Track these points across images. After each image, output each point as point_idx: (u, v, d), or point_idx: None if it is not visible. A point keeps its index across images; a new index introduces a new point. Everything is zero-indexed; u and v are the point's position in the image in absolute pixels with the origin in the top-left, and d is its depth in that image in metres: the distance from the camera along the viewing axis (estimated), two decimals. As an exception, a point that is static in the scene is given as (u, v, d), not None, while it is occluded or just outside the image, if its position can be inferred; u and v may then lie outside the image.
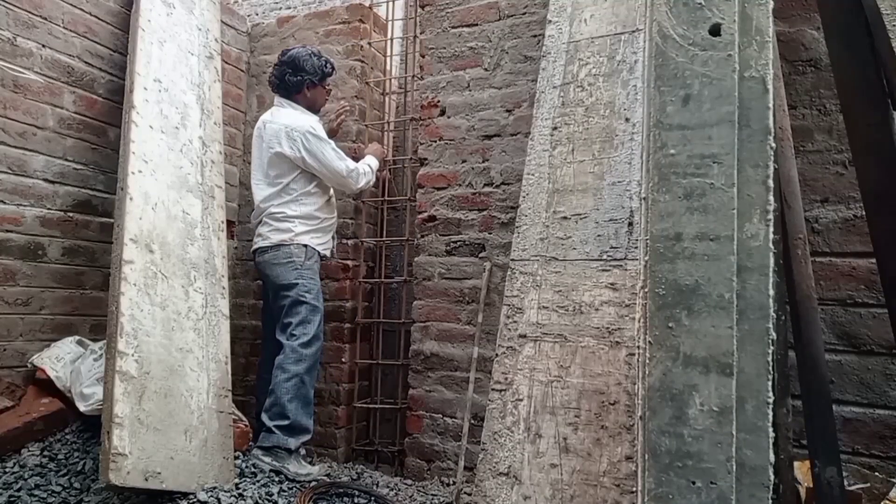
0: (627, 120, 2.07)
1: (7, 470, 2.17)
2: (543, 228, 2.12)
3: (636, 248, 1.92)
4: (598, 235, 2.01)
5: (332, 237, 2.91)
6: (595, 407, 1.86)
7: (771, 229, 1.11)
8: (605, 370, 1.87)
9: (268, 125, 2.80)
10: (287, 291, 2.66)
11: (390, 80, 3.42)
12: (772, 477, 1.04)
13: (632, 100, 2.09)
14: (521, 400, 1.97)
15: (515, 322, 2.08)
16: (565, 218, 2.09)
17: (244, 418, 2.60)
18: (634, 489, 1.73)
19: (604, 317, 1.92)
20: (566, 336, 1.96)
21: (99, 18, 2.76)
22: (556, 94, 2.23)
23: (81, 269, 2.71)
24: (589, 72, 2.19)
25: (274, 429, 2.50)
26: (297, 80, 2.79)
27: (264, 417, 2.54)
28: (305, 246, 2.71)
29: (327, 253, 2.87)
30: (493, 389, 2.02)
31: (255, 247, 2.80)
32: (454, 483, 2.48)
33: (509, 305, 2.09)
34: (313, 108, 2.88)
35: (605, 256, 1.98)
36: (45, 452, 2.28)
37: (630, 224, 1.98)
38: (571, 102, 2.20)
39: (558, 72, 2.26)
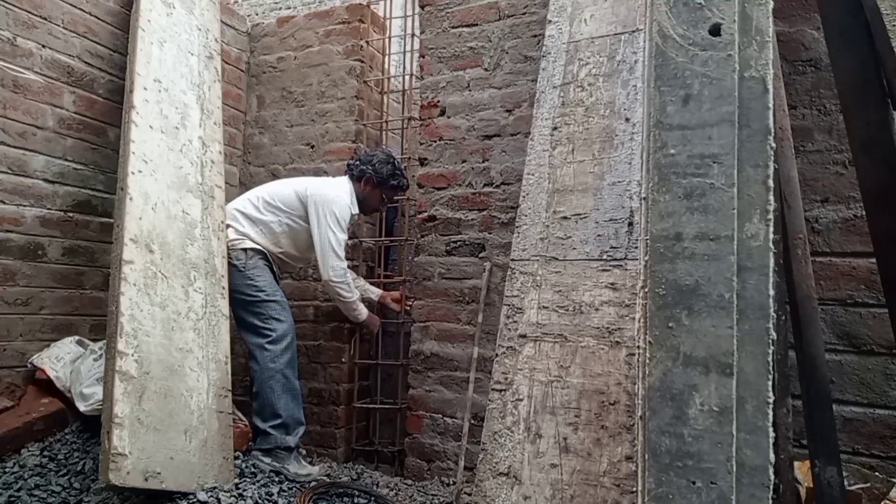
0: (627, 120, 2.07)
1: (7, 470, 2.17)
2: (543, 228, 2.12)
3: (636, 248, 1.91)
4: (598, 235, 2.01)
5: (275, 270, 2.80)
6: (595, 407, 1.86)
7: (771, 229, 1.11)
8: (605, 370, 1.87)
9: (317, 180, 2.85)
10: (240, 295, 2.60)
11: (388, 78, 3.42)
12: (772, 477, 1.04)
13: (632, 100, 2.09)
14: (521, 400, 1.97)
15: (515, 322, 2.08)
16: (565, 218, 2.09)
17: (244, 418, 2.60)
18: (634, 489, 1.73)
19: (604, 317, 1.92)
20: (566, 336, 1.96)
21: (99, 18, 2.76)
22: (556, 94, 2.23)
23: (81, 269, 2.71)
24: (589, 72, 2.19)
25: (269, 430, 2.50)
26: (361, 168, 2.82)
27: (257, 421, 2.54)
28: (245, 250, 2.64)
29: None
30: (493, 389, 2.02)
31: None
32: (454, 483, 2.48)
33: (509, 305, 2.09)
34: (363, 205, 2.85)
35: (605, 256, 1.98)
36: (45, 452, 2.28)
37: (630, 224, 1.98)
38: (571, 102, 2.20)
39: (558, 72, 2.25)
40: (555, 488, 1.86)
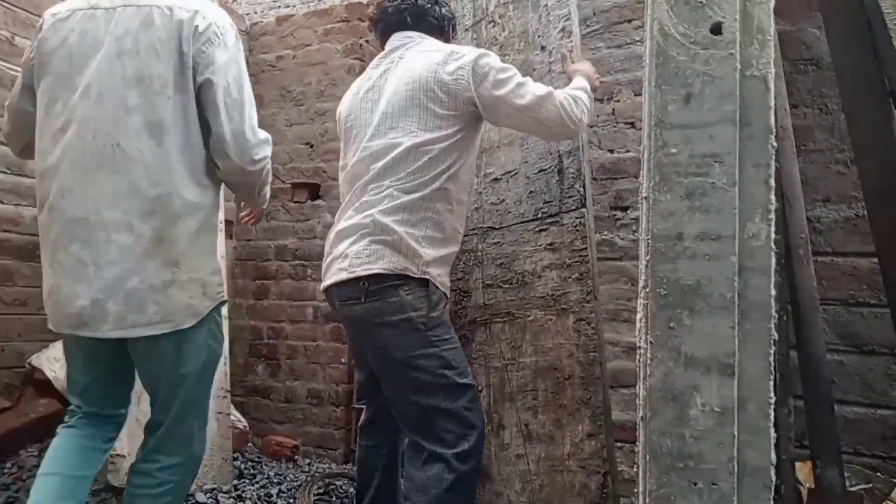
0: (543, 48, 1.91)
1: (5, 471, 2.16)
2: (477, 196, 2.04)
3: (570, 198, 1.85)
4: (531, 192, 1.93)
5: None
6: (551, 386, 1.82)
7: (773, 229, 1.11)
8: (555, 342, 1.83)
9: (406, 58, 1.71)
10: (413, 371, 1.56)
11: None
12: (774, 477, 1.04)
13: (545, 24, 1.92)
14: (481, 391, 1.92)
15: (464, 308, 2.04)
16: (496, 180, 2.01)
17: (243, 419, 2.59)
18: (600, 470, 1.71)
19: (547, 283, 1.86)
20: (514, 313, 1.91)
21: (97, 18, 2.75)
22: (468, 37, 2.06)
23: (80, 269, 2.70)
24: (498, 2, 2.07)
25: None
26: (443, 13, 1.83)
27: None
28: (427, 282, 1.58)
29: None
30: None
31: (330, 281, 1.66)
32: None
33: (456, 291, 2.02)
34: None
35: (540, 214, 1.91)
36: (44, 453, 2.27)
37: (560, 172, 1.84)
38: (486, 42, 2.08)
39: (468, 11, 2.12)
40: (523, 480, 1.83)
